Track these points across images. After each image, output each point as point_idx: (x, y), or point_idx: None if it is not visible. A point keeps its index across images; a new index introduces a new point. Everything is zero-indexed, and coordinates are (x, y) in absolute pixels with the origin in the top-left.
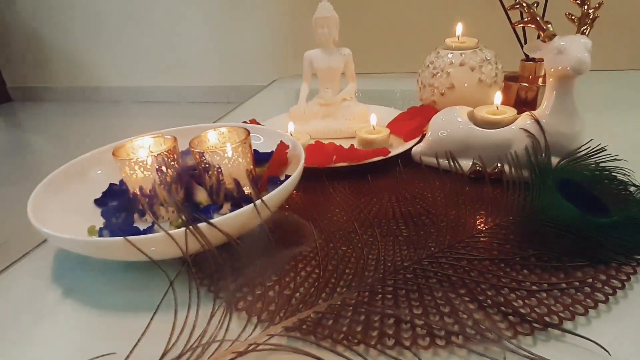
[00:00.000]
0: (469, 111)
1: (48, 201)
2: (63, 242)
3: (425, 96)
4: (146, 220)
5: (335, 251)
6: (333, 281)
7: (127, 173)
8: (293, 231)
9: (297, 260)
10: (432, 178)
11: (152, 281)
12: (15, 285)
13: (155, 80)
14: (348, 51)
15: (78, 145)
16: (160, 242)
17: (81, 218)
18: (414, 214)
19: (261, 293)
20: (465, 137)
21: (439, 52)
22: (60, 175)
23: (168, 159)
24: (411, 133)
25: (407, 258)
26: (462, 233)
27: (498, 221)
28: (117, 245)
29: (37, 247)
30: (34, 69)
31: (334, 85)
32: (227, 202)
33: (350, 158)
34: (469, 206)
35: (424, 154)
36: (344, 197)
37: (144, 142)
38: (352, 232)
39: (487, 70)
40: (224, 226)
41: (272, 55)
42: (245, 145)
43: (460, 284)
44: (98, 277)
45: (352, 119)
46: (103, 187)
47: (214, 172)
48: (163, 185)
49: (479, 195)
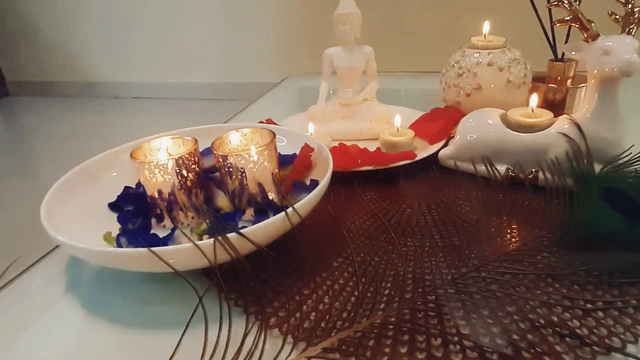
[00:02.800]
0: (501, 114)
1: (61, 205)
2: (81, 252)
3: (449, 97)
4: (164, 226)
5: (371, 261)
6: (369, 295)
7: (145, 176)
8: (324, 240)
9: (329, 272)
10: (462, 183)
11: (175, 294)
12: (27, 294)
13: (156, 76)
14: (370, 49)
15: (77, 141)
16: (187, 254)
17: (95, 223)
18: (448, 222)
19: (294, 308)
20: (498, 141)
21: (464, 52)
22: (73, 177)
23: (189, 161)
24: (437, 136)
25: (446, 271)
26: (502, 244)
27: (539, 232)
28: (140, 257)
29: (49, 254)
30: (33, 63)
31: (354, 85)
32: (249, 207)
33: (376, 161)
34: (506, 214)
35: (451, 158)
36: (374, 203)
37: (162, 143)
38: (383, 240)
39: (515, 70)
40: (254, 236)
41: (278, 52)
42: (272, 148)
43: (508, 300)
44: (115, 287)
45: (373, 120)
46: (117, 190)
47: (237, 176)
48: (183, 189)
49: (514, 203)
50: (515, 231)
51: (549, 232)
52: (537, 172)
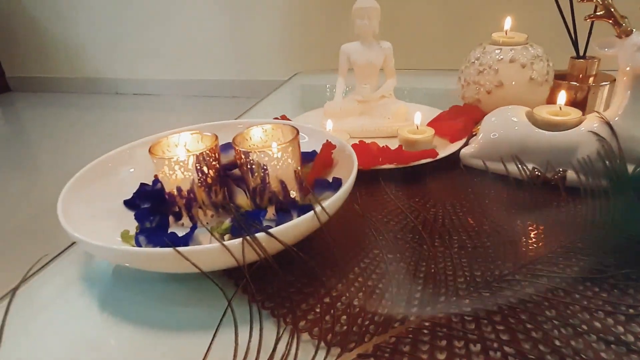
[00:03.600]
0: (527, 111)
1: (76, 201)
2: (103, 252)
3: (468, 94)
4: (182, 224)
5: (400, 262)
6: (402, 298)
7: (165, 173)
8: (348, 239)
9: (356, 273)
10: (485, 183)
11: (196, 294)
12: (42, 293)
13: (158, 72)
14: (388, 45)
15: (78, 137)
16: (214, 254)
17: (110, 220)
18: (475, 223)
19: (324, 310)
20: (524, 139)
21: (485, 48)
22: (88, 172)
23: (210, 158)
24: (457, 134)
25: (479, 273)
26: (534, 246)
27: (572, 234)
28: (166, 257)
29: (63, 252)
30: (34, 58)
31: (372, 81)
32: (270, 205)
33: (397, 159)
34: (535, 215)
35: (474, 157)
36: (397, 202)
37: (181, 138)
38: (410, 239)
39: (538, 67)
40: (283, 236)
41: (284, 49)
42: (295, 144)
43: (547, 305)
44: (132, 286)
45: (391, 117)
46: (132, 186)
47: (259, 173)
48: (203, 186)
49: (543, 203)
50: (546, 233)
51: (582, 233)
52: (564, 172)
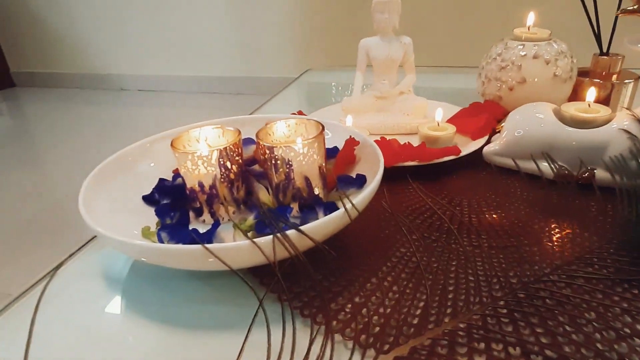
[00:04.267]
0: (554, 108)
1: (97, 196)
2: (128, 249)
3: (489, 91)
4: (204, 221)
5: (431, 261)
6: (436, 299)
7: (187, 168)
8: (375, 237)
9: (385, 272)
10: (510, 181)
11: (221, 292)
12: (59, 289)
13: (163, 68)
14: (408, 40)
15: (82, 133)
16: (243, 252)
17: (130, 216)
18: (503, 222)
19: (356, 311)
20: (551, 137)
21: (507, 44)
22: (108, 167)
23: (233, 153)
24: (479, 131)
25: (512, 274)
26: (568, 247)
27: (606, 234)
28: (194, 254)
29: (83, 247)
30: (38, 53)
31: (391, 77)
32: (293, 202)
33: (419, 156)
34: (565, 215)
35: (498, 155)
36: (422, 200)
37: (202, 133)
38: (437, 238)
39: (562, 64)
40: (313, 233)
41: (289, 46)
42: (321, 140)
43: (585, 307)
44: (154, 283)
45: (410, 113)
46: (150, 181)
47: (284, 169)
48: (225, 182)
49: (572, 202)
50: (578, 233)
51: (616, 234)
52: (592, 170)
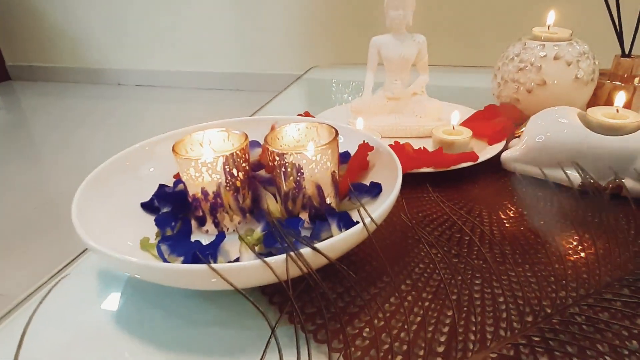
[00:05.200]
0: (579, 113)
1: (91, 203)
2: (121, 265)
3: (505, 93)
4: (207, 231)
5: (452, 280)
6: (462, 323)
7: (190, 175)
8: (389, 252)
9: (403, 292)
10: (531, 190)
11: (226, 312)
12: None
13: (161, 64)
14: (422, 38)
15: (79, 128)
16: (252, 272)
17: (128, 224)
18: (528, 236)
19: (374, 336)
20: (576, 143)
21: (525, 44)
22: (104, 171)
23: (240, 159)
24: (496, 135)
25: (539, 294)
26: (602, 265)
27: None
28: (197, 274)
29: (75, 260)
30: (35, 46)
31: (403, 77)
32: (303, 211)
33: (436, 163)
34: (594, 228)
35: (517, 161)
36: (441, 210)
37: (205, 136)
38: (457, 253)
39: (584, 65)
40: (329, 251)
41: (292, 42)
42: (334, 146)
43: (627, 334)
44: (152, 299)
45: (423, 115)
46: (150, 186)
47: (294, 177)
48: (231, 190)
49: (603, 216)
50: (612, 249)
51: None
52: (621, 180)
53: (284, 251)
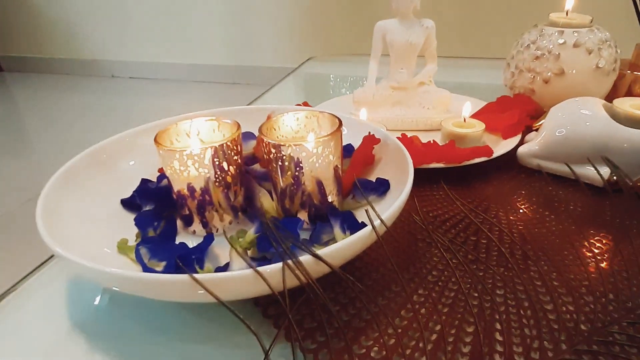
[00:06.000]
0: (604, 104)
1: (63, 201)
2: (91, 274)
3: (520, 83)
4: (194, 232)
5: (481, 286)
6: (485, 341)
7: (174, 169)
8: (402, 253)
9: (415, 303)
10: (551, 189)
11: (214, 327)
12: (16, 315)
13: (156, 56)
14: (431, 23)
15: (71, 120)
16: (242, 283)
17: (106, 225)
18: (554, 239)
19: (388, 356)
20: (603, 136)
21: (542, 30)
22: (78, 165)
23: (231, 151)
24: (511, 129)
25: (572, 308)
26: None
27: None
28: (178, 286)
29: (42, 265)
30: (27, 37)
31: (409, 65)
32: (302, 210)
33: (447, 158)
34: (625, 231)
35: (535, 157)
36: (453, 209)
37: (192, 126)
38: (475, 259)
39: (606, 54)
40: (333, 258)
41: (288, 35)
42: (338, 137)
43: None
44: (131, 311)
45: (431, 107)
46: (132, 182)
47: (292, 171)
48: (221, 186)
49: (630, 216)
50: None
51: None
52: None
53: (280, 258)
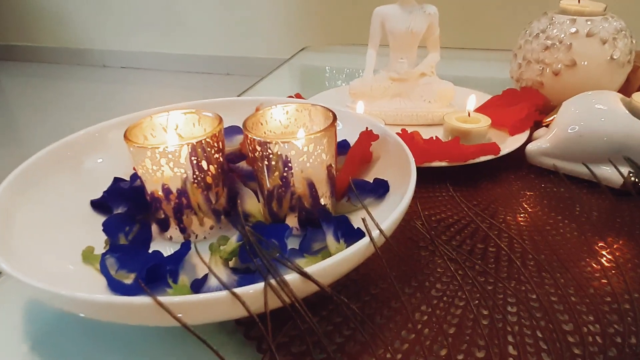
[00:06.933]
0: (623, 99)
1: (21, 205)
2: (40, 294)
3: (527, 75)
4: (170, 238)
5: (492, 301)
6: None
7: (146, 168)
8: (406, 264)
9: (421, 320)
10: (563, 190)
11: (194, 353)
12: None
13: (148, 45)
14: (434, 9)
15: (61, 110)
16: (217, 306)
17: (71, 231)
18: (569, 248)
19: None
20: (619, 133)
21: (553, 18)
22: (41, 162)
23: (211, 148)
24: (519, 125)
25: (594, 328)
26: None
27: None
28: (141, 310)
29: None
30: (17, 25)
31: (410, 55)
32: (291, 213)
33: (451, 156)
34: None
35: (546, 155)
36: (459, 213)
37: (170, 119)
38: (481, 269)
39: (621, 45)
40: (325, 277)
41: (283, 25)
42: (332, 133)
43: None
44: (96, 338)
45: (433, 100)
46: (103, 182)
47: (280, 171)
48: (200, 187)
49: None
50: None
51: None
52: None
53: (262, 275)
